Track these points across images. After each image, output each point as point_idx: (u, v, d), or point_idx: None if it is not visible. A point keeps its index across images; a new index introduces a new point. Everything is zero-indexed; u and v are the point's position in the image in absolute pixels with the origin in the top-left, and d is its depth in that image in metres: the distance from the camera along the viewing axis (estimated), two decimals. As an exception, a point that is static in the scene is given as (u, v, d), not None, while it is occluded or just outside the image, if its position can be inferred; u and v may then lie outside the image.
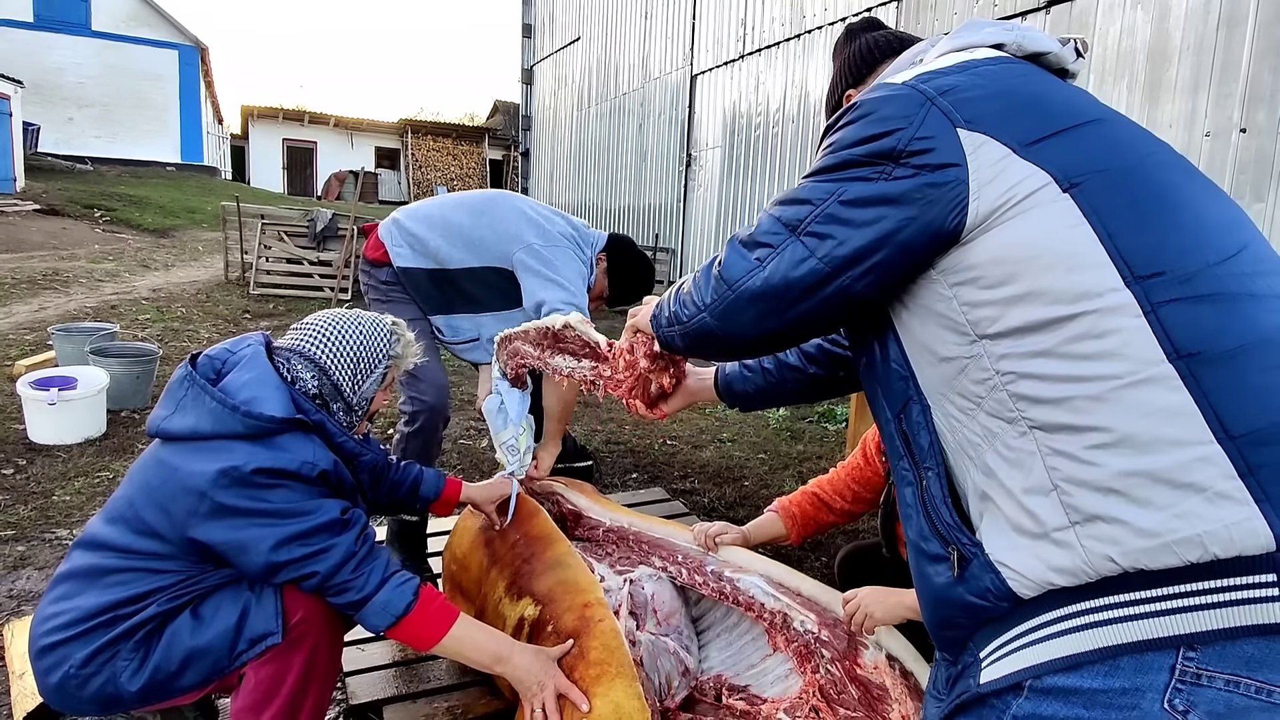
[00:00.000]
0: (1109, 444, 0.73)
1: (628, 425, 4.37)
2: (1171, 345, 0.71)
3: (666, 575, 1.88)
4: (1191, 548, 0.68)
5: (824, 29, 6.35)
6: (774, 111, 7.00)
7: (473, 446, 3.79)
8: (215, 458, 1.29)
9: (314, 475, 1.35)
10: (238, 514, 1.28)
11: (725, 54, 7.73)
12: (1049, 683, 0.75)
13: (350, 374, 1.50)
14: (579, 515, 2.13)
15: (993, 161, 0.81)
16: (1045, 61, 0.96)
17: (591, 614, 1.51)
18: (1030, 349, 0.78)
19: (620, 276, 2.59)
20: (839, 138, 0.91)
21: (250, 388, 1.36)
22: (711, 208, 8.04)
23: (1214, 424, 0.69)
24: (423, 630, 1.38)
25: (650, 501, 2.97)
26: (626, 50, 9.88)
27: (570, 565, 1.68)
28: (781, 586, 1.78)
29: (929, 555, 0.88)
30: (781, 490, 3.44)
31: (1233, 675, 0.67)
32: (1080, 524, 0.74)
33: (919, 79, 0.88)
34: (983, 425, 0.83)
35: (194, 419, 1.33)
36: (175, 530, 1.31)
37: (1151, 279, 0.74)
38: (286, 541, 1.29)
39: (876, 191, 0.85)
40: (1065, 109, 0.85)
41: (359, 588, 1.34)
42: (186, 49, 20.30)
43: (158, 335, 5.50)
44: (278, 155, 25.44)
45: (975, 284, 0.82)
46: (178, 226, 12.55)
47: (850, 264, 0.87)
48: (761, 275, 0.92)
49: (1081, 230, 0.77)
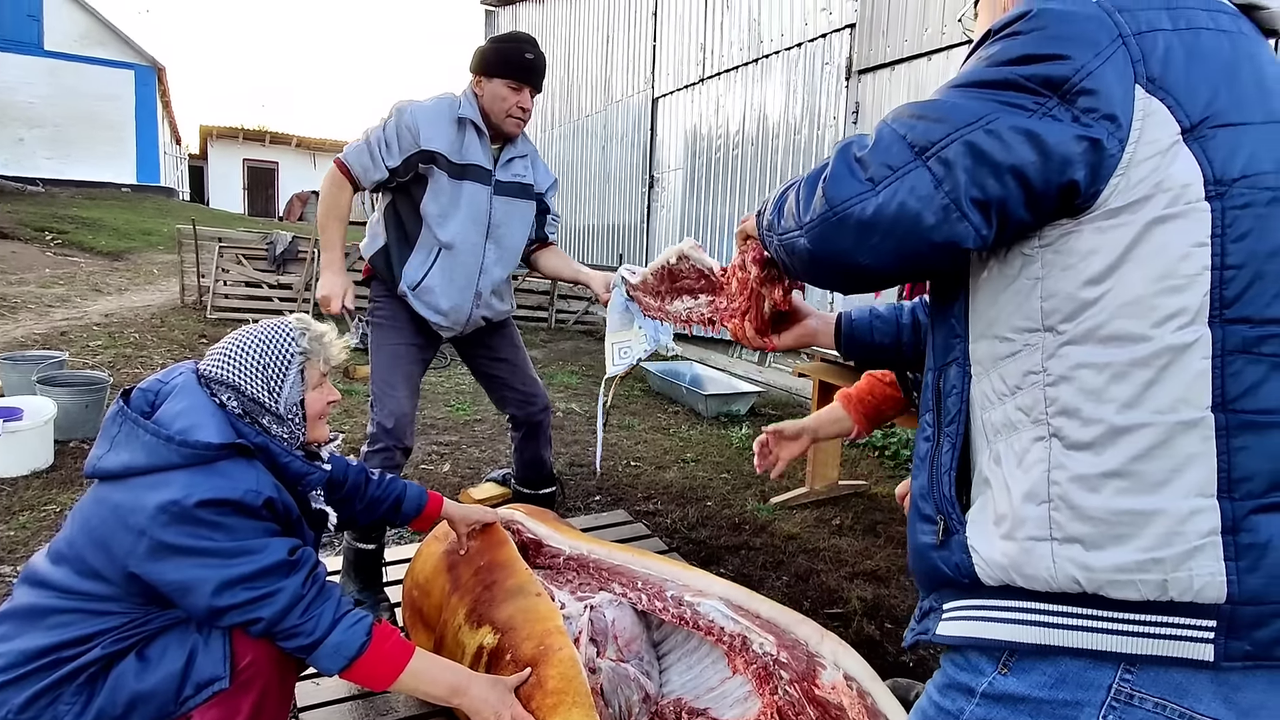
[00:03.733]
0: (1118, 474, 0.74)
1: (591, 448, 4.37)
2: (1223, 394, 0.71)
3: (627, 601, 1.88)
4: (1154, 588, 0.72)
5: (780, 54, 6.48)
6: (734, 134, 7.11)
7: (433, 471, 3.75)
8: (153, 492, 1.26)
9: (259, 504, 1.32)
10: (179, 552, 1.25)
11: (685, 77, 7.84)
12: (1000, 688, 0.80)
13: (263, 383, 1.44)
14: (540, 544, 2.13)
15: (1158, 140, 0.72)
16: (1258, 17, 0.82)
17: (551, 642, 1.50)
18: (1088, 359, 0.75)
19: (487, 63, 2.38)
20: (1004, 47, 0.77)
21: (185, 416, 1.34)
22: (675, 228, 8.11)
23: (1223, 480, 0.71)
24: (377, 669, 1.36)
25: (613, 524, 2.97)
26: (588, 73, 9.97)
27: (531, 593, 1.68)
28: (741, 609, 1.79)
29: (922, 513, 0.91)
30: (744, 509, 3.47)
31: (1161, 699, 0.73)
32: (1059, 541, 0.76)
33: (1116, 2, 0.76)
34: (1007, 415, 0.82)
35: (128, 455, 1.30)
36: (117, 570, 1.28)
37: (1235, 324, 0.71)
38: (230, 585, 1.26)
39: (1029, 127, 0.73)
40: (1264, 95, 0.75)
41: (308, 632, 1.31)
42: (143, 69, 19.95)
43: (109, 362, 5.36)
44: (238, 175, 25.07)
45: (1070, 272, 0.76)
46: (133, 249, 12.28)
47: (975, 206, 0.75)
48: (874, 201, 0.77)
49: (1201, 252, 0.71)
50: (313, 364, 1.52)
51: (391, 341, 2.47)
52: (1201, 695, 0.72)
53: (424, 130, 2.31)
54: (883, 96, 5.48)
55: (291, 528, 1.45)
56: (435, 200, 2.36)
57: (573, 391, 5.84)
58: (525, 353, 2.81)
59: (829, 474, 3.71)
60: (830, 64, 5.94)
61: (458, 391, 5.48)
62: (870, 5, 5.56)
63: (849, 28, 5.73)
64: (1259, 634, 0.70)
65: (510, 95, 2.36)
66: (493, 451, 4.13)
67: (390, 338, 2.48)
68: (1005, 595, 0.81)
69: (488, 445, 4.24)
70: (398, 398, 2.40)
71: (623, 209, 9.24)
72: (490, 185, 2.43)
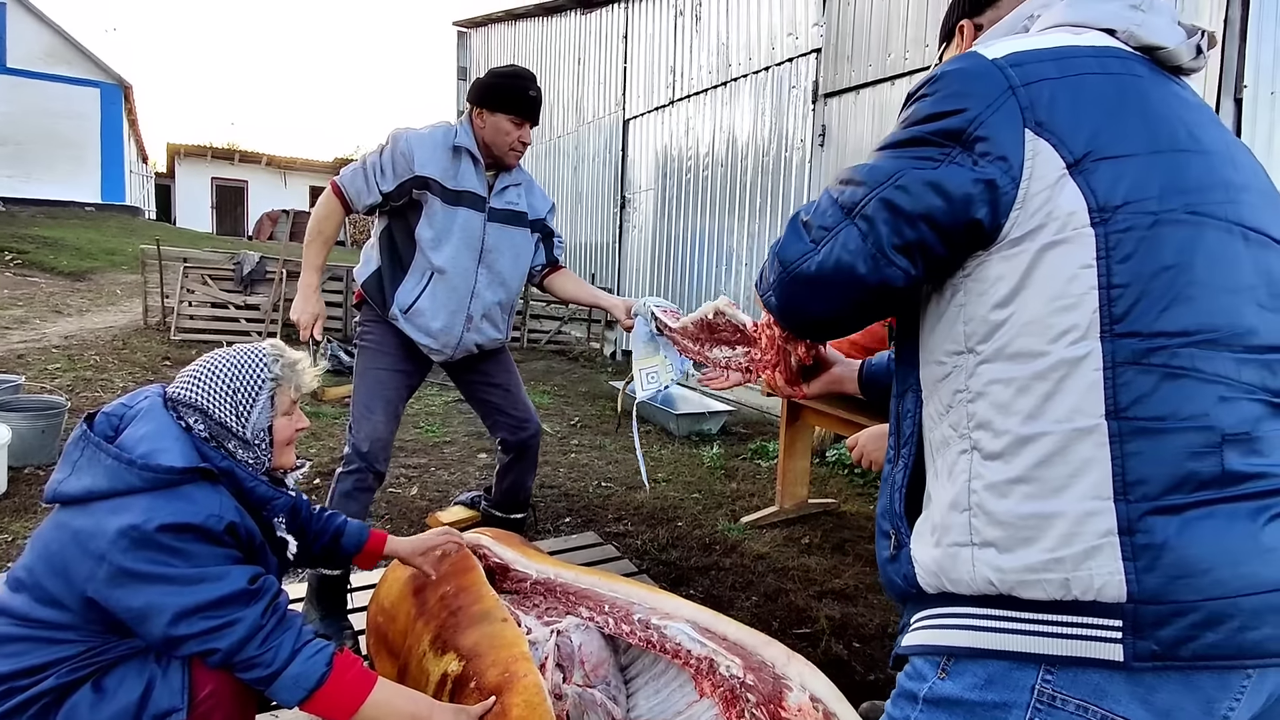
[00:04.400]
0: (1023, 480, 0.79)
1: (562, 469, 4.35)
2: (1114, 402, 0.76)
3: (594, 625, 1.87)
4: (1057, 587, 0.77)
5: (748, 77, 6.58)
6: (703, 155, 7.19)
7: (401, 495, 3.71)
8: (113, 517, 1.24)
9: (221, 529, 1.30)
10: (138, 579, 1.22)
11: (656, 99, 7.92)
12: (938, 692, 0.84)
13: (231, 407, 1.43)
14: (507, 568, 2.11)
15: (1046, 175, 0.80)
16: (1159, 57, 0.89)
17: (515, 669, 1.49)
18: (998, 375, 0.82)
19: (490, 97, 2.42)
20: (915, 109, 0.89)
21: (148, 440, 1.32)
22: (646, 247, 8.16)
23: (1118, 483, 0.75)
24: (338, 701, 1.34)
25: (582, 546, 2.95)
26: (560, 94, 10.04)
27: (496, 619, 1.67)
28: (708, 631, 1.79)
29: (880, 529, 0.99)
30: (714, 529, 3.47)
31: (1082, 701, 0.76)
32: (978, 546, 0.82)
33: (1010, 59, 0.85)
34: (943, 433, 0.89)
35: (90, 479, 1.28)
36: (75, 597, 1.25)
37: (1124, 338, 0.76)
38: (188, 614, 1.24)
39: (933, 179, 0.83)
40: (1149, 129, 0.82)
41: (267, 663, 1.28)
42: (109, 87, 19.70)
43: (67, 386, 5.25)
44: (206, 194, 24.78)
45: (984, 298, 0.84)
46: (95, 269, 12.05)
47: (898, 251, 0.85)
48: (815, 259, 0.90)
49: (1088, 273, 0.77)
50: (283, 390, 1.51)
51: (377, 366, 2.48)
52: (1120, 697, 0.74)
53: (419, 156, 2.35)
54: (848, 119, 5.59)
55: (254, 554, 1.43)
56: (429, 225, 2.39)
57: (544, 412, 5.82)
58: (519, 378, 2.83)
59: (798, 493, 3.73)
60: (797, 87, 6.05)
61: (428, 413, 5.43)
62: (835, 31, 5.68)
63: (815, 52, 5.85)
64: (1163, 633, 0.73)
65: (513, 130, 2.42)
66: (462, 474, 4.10)
67: (376, 362, 2.48)
68: (941, 602, 0.87)
69: (457, 468, 4.21)
70: (375, 422, 2.41)
71: (595, 228, 9.28)
72: (484, 212, 2.47)
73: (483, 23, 12.27)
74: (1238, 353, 0.77)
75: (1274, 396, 0.78)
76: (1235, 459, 0.74)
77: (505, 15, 11.42)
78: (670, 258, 7.75)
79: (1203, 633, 0.72)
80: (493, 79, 2.45)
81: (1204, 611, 0.72)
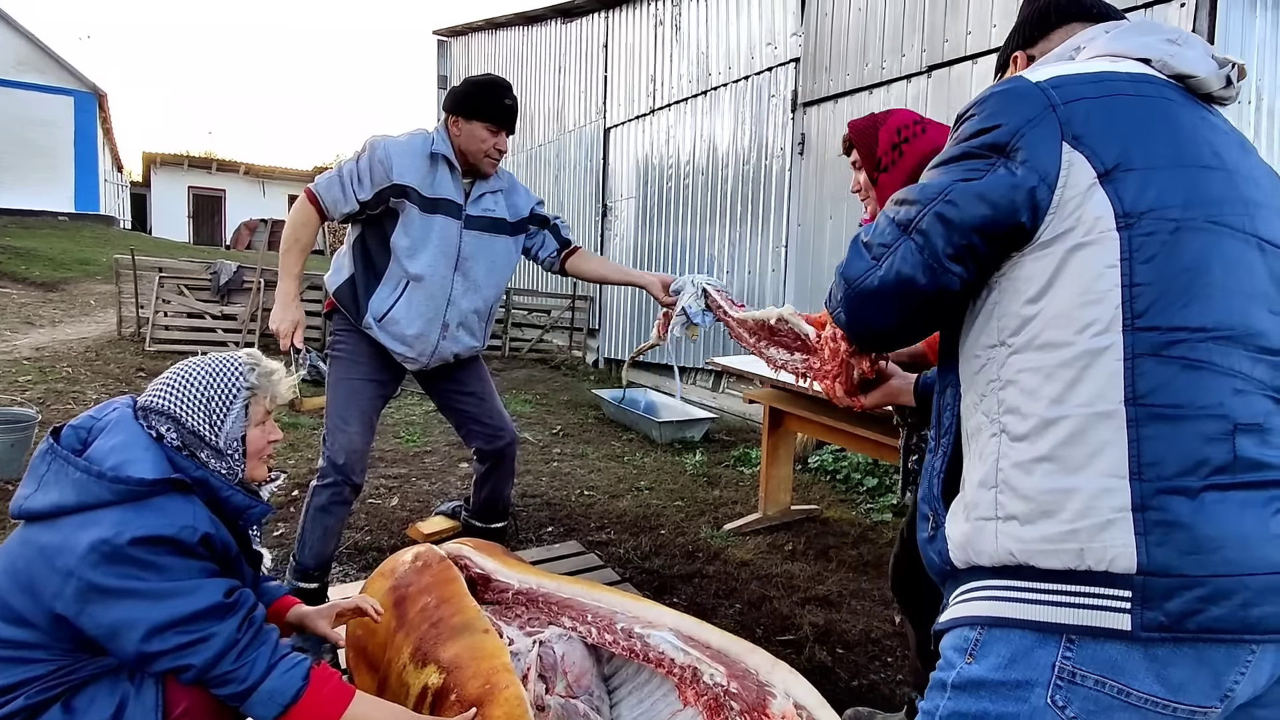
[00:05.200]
0: (1047, 459, 0.86)
1: (544, 478, 4.33)
2: (1133, 390, 0.82)
3: (577, 635, 1.85)
4: (1072, 557, 0.82)
5: (728, 86, 6.62)
6: (684, 163, 7.21)
7: (381, 505, 3.67)
8: (82, 531, 1.21)
9: (195, 540, 1.27)
10: (109, 594, 1.19)
11: (637, 108, 7.94)
12: (966, 675, 0.88)
13: (204, 416, 1.40)
14: (488, 578, 2.09)
15: (1079, 183, 0.87)
16: (1191, 85, 0.97)
17: (496, 680, 1.47)
18: (1027, 364, 0.89)
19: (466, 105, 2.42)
20: (964, 127, 0.98)
21: (118, 452, 1.29)
22: (627, 255, 8.16)
23: (1134, 464, 0.81)
24: (314, 716, 1.31)
25: (565, 555, 2.94)
26: (542, 103, 10.04)
27: (478, 630, 1.65)
28: (691, 640, 1.78)
29: (921, 514, 1.07)
30: (698, 537, 3.47)
31: (1100, 676, 0.80)
32: (1002, 519, 0.89)
33: (1051, 82, 0.93)
34: (977, 421, 0.96)
35: (57, 494, 1.25)
36: (43, 615, 1.22)
37: (1144, 332, 0.82)
38: (161, 629, 1.21)
39: (979, 190, 0.91)
40: (1176, 146, 0.89)
41: (241, 678, 1.26)
42: (83, 95, 19.45)
43: (39, 398, 5.15)
44: (183, 203, 24.49)
45: (1016, 295, 0.91)
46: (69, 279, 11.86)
47: (952, 260, 0.93)
48: (878, 275, 0.98)
49: (1112, 272, 0.84)
50: (258, 400, 1.48)
51: (350, 376, 2.45)
52: (1136, 672, 0.78)
53: (396, 164, 2.33)
54: (827, 128, 5.63)
55: (230, 566, 1.40)
56: (406, 233, 2.37)
57: (526, 420, 5.79)
58: (493, 386, 2.80)
59: (781, 499, 3.74)
60: (776, 96, 6.09)
61: (408, 423, 5.39)
62: (814, 41, 5.73)
63: (794, 62, 5.89)
64: (1170, 605, 0.77)
65: (489, 137, 2.41)
66: (443, 484, 4.06)
67: (350, 372, 2.45)
68: (970, 577, 0.93)
69: (438, 478, 4.17)
70: (350, 434, 2.38)
71: (577, 236, 9.23)
72: (461, 219, 2.46)
73: (463, 31, 12.25)
74: (1251, 351, 0.83)
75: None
76: (1248, 447, 0.79)
77: (486, 24, 11.41)
78: (652, 265, 7.75)
79: (1208, 606, 0.76)
80: (468, 87, 2.44)
81: (1210, 586, 0.76)
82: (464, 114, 2.40)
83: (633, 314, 8.15)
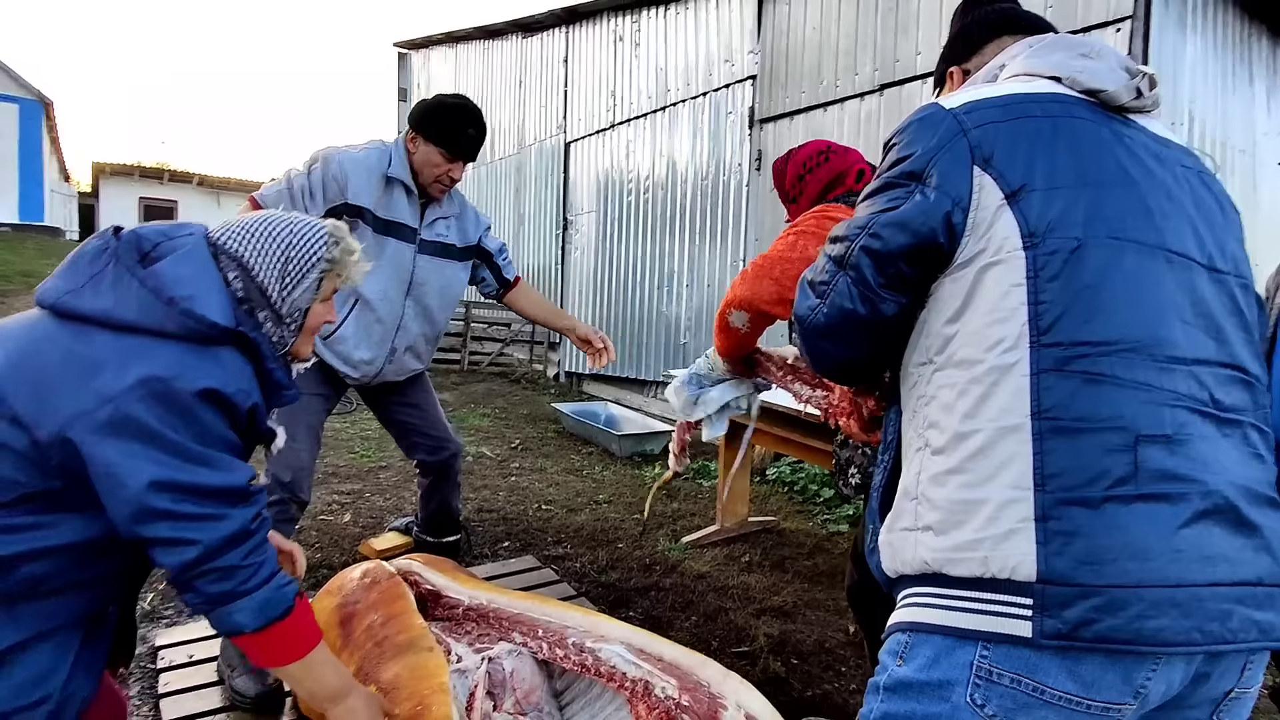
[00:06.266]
0: (958, 471, 0.88)
1: (501, 492, 4.29)
2: (1038, 404, 0.84)
3: (527, 650, 1.83)
4: (978, 565, 0.85)
5: (686, 102, 6.69)
6: (644, 178, 7.25)
7: (333, 522, 3.60)
8: (134, 359, 1.06)
9: (246, 407, 1.15)
10: (138, 433, 1.05)
11: (597, 123, 7.98)
12: (895, 677, 0.90)
13: (278, 274, 1.27)
14: (438, 594, 2.06)
15: (989, 205, 0.90)
16: (1102, 99, 0.98)
17: (428, 701, 1.45)
18: (946, 381, 0.92)
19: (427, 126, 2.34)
20: (886, 159, 1.02)
21: (190, 283, 1.14)
22: (589, 269, 8.17)
23: (1037, 475, 0.82)
24: (287, 644, 1.19)
25: (519, 571, 2.91)
26: (502, 116, 10.02)
27: (422, 648, 1.62)
28: (643, 653, 1.78)
29: (866, 524, 1.12)
30: (655, 550, 3.46)
31: (1015, 674, 0.82)
32: (920, 530, 0.92)
33: (964, 108, 0.97)
34: (909, 436, 0.99)
35: (112, 300, 1.09)
36: (48, 425, 1.04)
37: (1048, 348, 0.85)
38: (173, 488, 1.07)
39: (899, 219, 0.94)
40: (1078, 165, 0.91)
41: (242, 579, 1.12)
42: (28, 103, 18.89)
43: (-25, 414, 4.95)
44: (133, 214, 23.83)
45: (938, 314, 0.94)
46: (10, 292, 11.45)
47: (885, 288, 0.97)
48: (823, 311, 1.03)
49: (1019, 290, 0.87)
50: (332, 276, 1.36)
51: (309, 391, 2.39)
52: (1050, 669, 0.80)
53: (353, 183, 2.26)
54: (783, 144, 5.72)
55: (247, 449, 1.28)
56: None
57: (484, 435, 5.74)
58: (435, 397, 2.76)
59: (739, 510, 3.75)
60: (734, 113, 6.17)
61: (363, 438, 5.30)
62: (770, 59, 5.82)
63: (750, 79, 5.98)
64: (1067, 614, 0.79)
65: (443, 163, 2.36)
66: (397, 499, 4.00)
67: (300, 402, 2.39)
68: (902, 584, 0.97)
69: (392, 493, 4.11)
70: (296, 450, 2.32)
71: (538, 250, 9.26)
72: (415, 244, 2.41)
73: (423, 44, 12.18)
74: (1160, 362, 0.84)
75: (1201, 405, 0.84)
76: (1154, 458, 0.81)
77: (446, 37, 11.37)
78: (612, 279, 7.77)
79: (1103, 616, 0.78)
80: (434, 106, 2.37)
81: (1106, 596, 0.78)
82: (424, 134, 2.34)
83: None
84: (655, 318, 7.11)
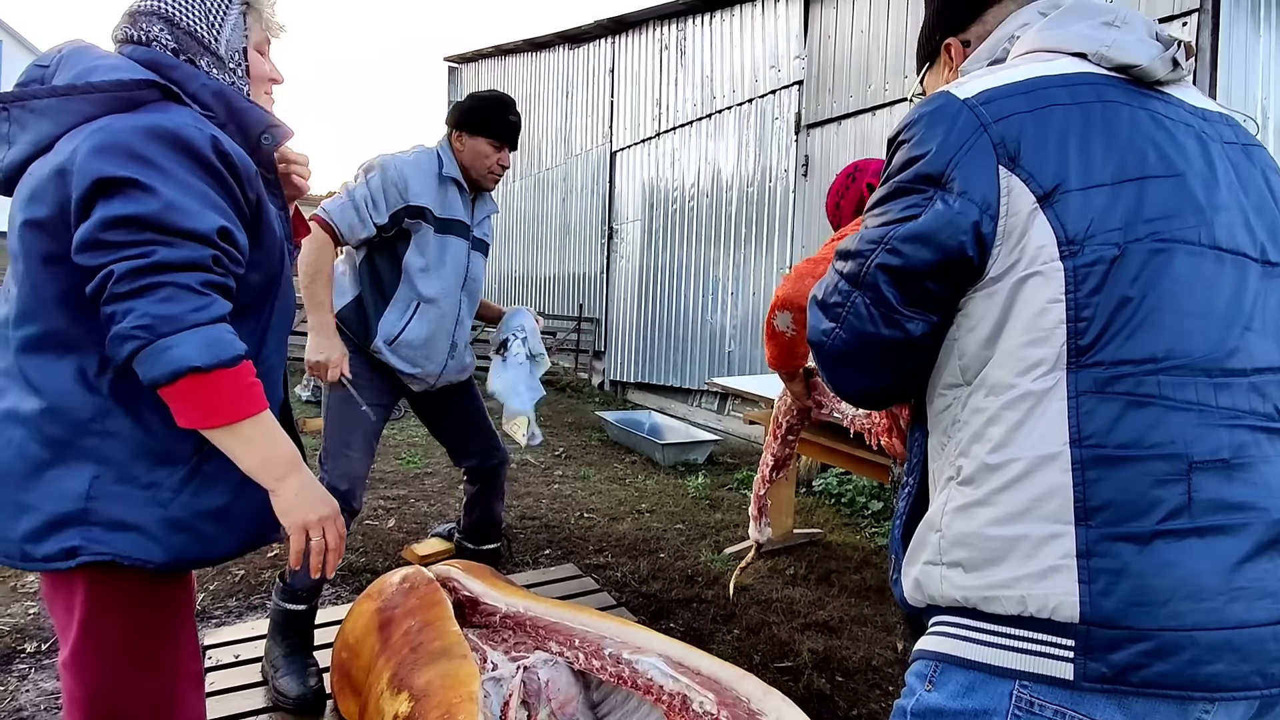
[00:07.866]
0: (987, 504, 0.81)
1: (544, 500, 4.28)
2: (1078, 431, 0.76)
3: (563, 660, 1.80)
4: (1015, 603, 0.78)
5: (732, 109, 6.65)
6: (689, 186, 7.23)
7: (378, 527, 3.63)
8: (77, 138, 1.02)
9: (204, 141, 1.07)
10: (115, 182, 0.99)
11: (642, 132, 7.99)
12: (924, 703, 0.84)
13: (200, 15, 1.20)
14: (476, 601, 2.05)
15: (1020, 210, 0.80)
16: (1134, 75, 0.87)
17: (455, 711, 1.43)
18: (978, 406, 0.84)
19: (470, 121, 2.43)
20: (895, 159, 0.90)
21: (88, 69, 1.09)
22: (633, 278, 8.17)
23: (1079, 509, 0.75)
24: (230, 398, 1.04)
25: (559, 579, 2.89)
26: (548, 127, 10.13)
27: (456, 655, 1.60)
28: (681, 666, 1.73)
29: (891, 549, 1.04)
30: (698, 561, 3.41)
31: (1059, 706, 0.75)
32: (946, 565, 0.85)
33: (980, 98, 0.85)
34: (940, 464, 0.92)
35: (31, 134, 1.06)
36: (55, 213, 1.02)
37: (1089, 369, 0.76)
38: (124, 223, 0.99)
39: (918, 231, 0.84)
40: (1117, 158, 0.81)
41: (196, 306, 1.00)
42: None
43: None
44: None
45: (973, 334, 0.85)
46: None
47: (910, 307, 0.87)
48: (841, 336, 0.92)
49: (1057, 307, 0.78)
50: (255, 15, 1.28)
51: (354, 400, 2.42)
52: (1098, 704, 0.73)
53: (412, 185, 2.33)
54: (830, 150, 5.63)
55: (253, 208, 1.17)
56: (420, 254, 2.37)
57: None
58: (483, 404, 2.77)
59: (784, 522, 3.67)
60: (780, 119, 6.11)
61: (410, 444, 5.37)
62: (817, 63, 5.75)
63: (797, 84, 5.92)
64: (1114, 657, 0.72)
65: (492, 153, 2.44)
66: (441, 505, 4.03)
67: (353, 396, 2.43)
68: (931, 613, 0.90)
69: (437, 499, 4.14)
70: (353, 459, 2.36)
71: (583, 259, 9.30)
72: (469, 240, 2.49)
73: (473, 58, 12.42)
74: (1215, 377, 0.75)
75: (1265, 421, 0.76)
76: (1209, 487, 0.73)
77: (495, 50, 11.57)
78: (657, 287, 7.76)
79: (1153, 661, 0.71)
80: (473, 103, 2.46)
81: (1157, 640, 0.71)
82: (468, 129, 2.42)
83: (638, 336, 8.13)
84: (700, 326, 7.06)
